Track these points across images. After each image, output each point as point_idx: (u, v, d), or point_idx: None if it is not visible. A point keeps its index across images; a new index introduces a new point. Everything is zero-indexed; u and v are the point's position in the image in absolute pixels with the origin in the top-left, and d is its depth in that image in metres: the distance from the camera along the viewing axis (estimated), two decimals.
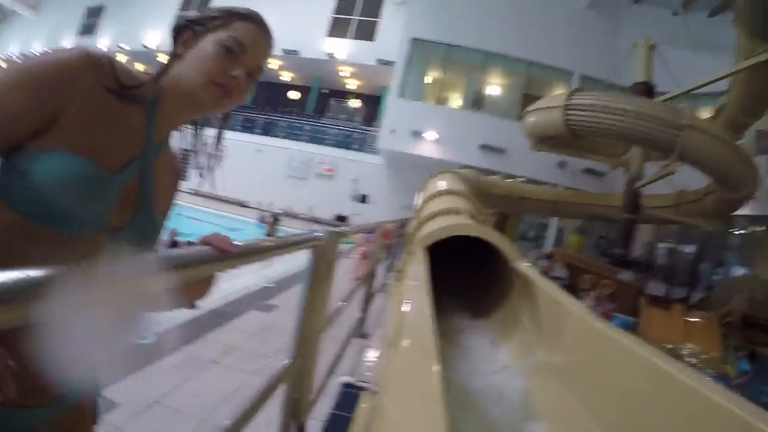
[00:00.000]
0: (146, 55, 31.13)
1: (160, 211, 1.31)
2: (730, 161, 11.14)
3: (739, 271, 18.62)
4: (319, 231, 2.20)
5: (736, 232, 20.81)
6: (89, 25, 35.65)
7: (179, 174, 1.42)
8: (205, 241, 1.20)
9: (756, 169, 11.57)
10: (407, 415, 1.00)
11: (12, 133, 1.00)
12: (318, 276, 2.14)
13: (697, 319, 11.51)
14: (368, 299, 6.06)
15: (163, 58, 1.27)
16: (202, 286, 1.29)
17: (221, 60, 1.22)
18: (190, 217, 17.38)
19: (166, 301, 1.26)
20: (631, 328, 10.73)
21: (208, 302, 6.59)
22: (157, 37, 31.98)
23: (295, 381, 2.25)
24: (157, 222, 1.30)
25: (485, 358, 3.51)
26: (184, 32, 1.27)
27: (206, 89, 1.21)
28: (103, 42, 33.44)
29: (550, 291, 3.20)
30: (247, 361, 4.72)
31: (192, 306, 1.29)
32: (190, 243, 1.20)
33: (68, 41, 35.08)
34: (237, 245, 1.23)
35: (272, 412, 2.30)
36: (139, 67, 1.25)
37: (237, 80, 1.23)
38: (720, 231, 19.00)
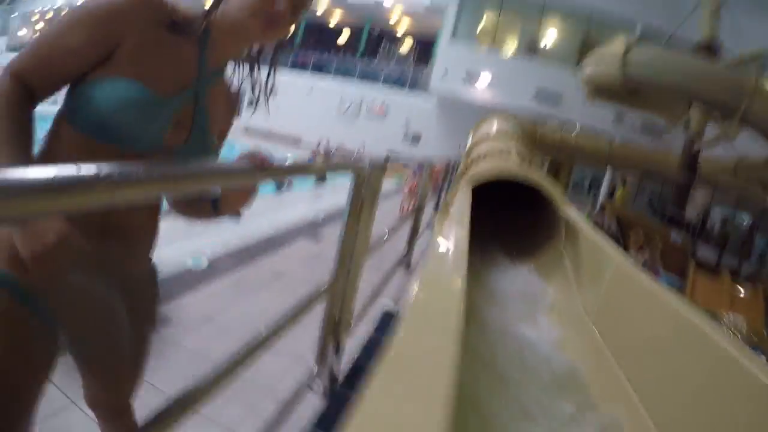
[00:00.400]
0: None
1: (214, 132, 1.42)
2: None
3: None
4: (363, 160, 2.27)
5: None
6: None
7: (235, 103, 1.53)
8: (244, 156, 1.30)
9: None
10: (419, 347, 1.06)
11: (75, 64, 1.14)
12: (358, 202, 2.21)
13: (744, 291, 11.27)
14: (414, 233, 6.13)
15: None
16: (243, 195, 1.42)
17: None
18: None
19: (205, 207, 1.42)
20: (676, 289, 10.54)
21: (260, 229, 6.83)
22: None
23: (336, 300, 2.36)
24: (212, 142, 1.42)
25: (521, 299, 3.55)
26: None
27: (252, 19, 1.27)
28: None
29: (595, 239, 3.19)
30: (295, 286, 4.87)
31: (237, 214, 1.42)
32: None
33: None
34: (273, 160, 1.33)
35: (313, 327, 2.43)
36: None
37: (282, 12, 1.29)
38: None
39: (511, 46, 24.40)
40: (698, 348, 1.50)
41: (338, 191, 8.79)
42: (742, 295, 10.41)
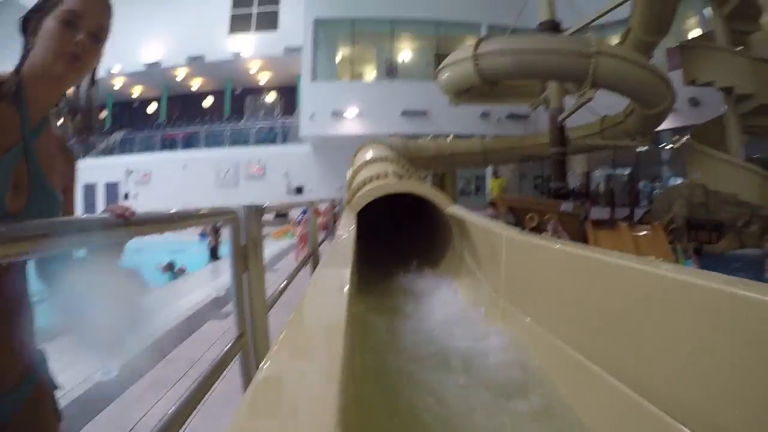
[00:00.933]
0: (149, 75, 30.55)
1: (57, 188, 1.38)
2: (642, 79, 11.63)
3: (675, 182, 19.51)
4: (235, 207, 2.21)
5: (666, 147, 21.88)
6: None
7: (70, 152, 1.51)
8: (105, 210, 1.26)
9: (669, 83, 12.11)
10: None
11: None
12: (239, 251, 2.15)
13: (644, 232, 12.04)
14: None
15: (179, 72, 1.36)
16: None
17: (62, 32, 1.31)
18: (131, 250, 16.95)
19: None
20: None
21: (165, 321, 6.47)
22: (159, 51, 30.66)
23: (247, 355, 2.26)
24: (57, 200, 1.37)
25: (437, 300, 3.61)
26: (29, 23, 1.36)
27: (57, 61, 1.30)
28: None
29: (483, 225, 3.32)
30: None
31: None
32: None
33: None
34: (134, 212, 1.29)
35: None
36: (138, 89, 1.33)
37: (81, 44, 1.32)
38: (649, 148, 19.92)
39: (370, 73, 25.09)
40: (594, 273, 1.72)
41: None
42: (643, 235, 11.05)
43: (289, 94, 30.85)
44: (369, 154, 8.03)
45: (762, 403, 1.06)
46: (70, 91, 1.47)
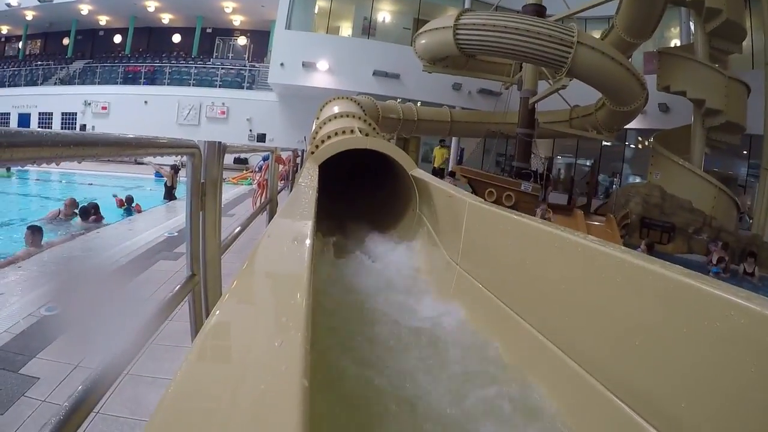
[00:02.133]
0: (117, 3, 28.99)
1: None
2: (619, 76, 11.83)
3: (634, 180, 20.07)
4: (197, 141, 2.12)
5: (630, 146, 22.43)
6: None
7: None
8: None
9: (643, 84, 12.36)
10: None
11: None
12: (198, 187, 2.08)
13: (598, 222, 12.36)
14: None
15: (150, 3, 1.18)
16: None
17: None
18: (84, 183, 16.55)
19: None
20: None
21: (116, 257, 6.33)
22: None
23: (198, 298, 2.22)
24: None
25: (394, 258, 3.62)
26: None
27: None
28: None
29: (446, 190, 3.32)
30: None
31: None
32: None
33: None
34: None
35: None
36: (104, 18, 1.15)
37: None
38: (614, 144, 20.36)
39: (346, 29, 24.65)
40: (557, 249, 1.75)
41: None
42: (597, 224, 11.32)
43: (260, 40, 30.18)
44: (336, 108, 7.91)
45: (704, 380, 1.12)
46: None
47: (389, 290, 2.91)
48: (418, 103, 17.94)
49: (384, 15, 24.25)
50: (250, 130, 25.04)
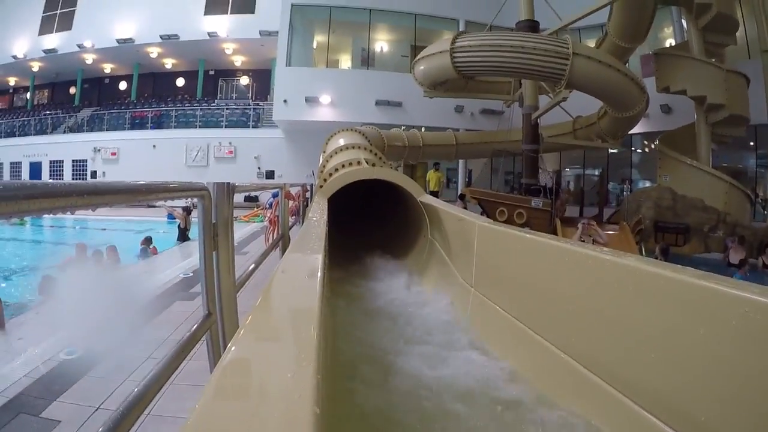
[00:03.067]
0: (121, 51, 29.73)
1: None
2: (617, 83, 11.87)
3: (644, 185, 19.99)
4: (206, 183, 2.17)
5: (637, 151, 22.40)
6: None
7: None
8: None
9: (643, 88, 12.38)
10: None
11: None
12: (209, 228, 2.12)
13: (612, 231, 12.29)
14: None
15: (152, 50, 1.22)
16: None
17: None
18: (98, 229, 16.71)
19: None
20: None
21: (130, 302, 6.37)
22: (132, 27, 29.56)
23: (215, 335, 2.24)
24: None
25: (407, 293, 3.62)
26: None
27: None
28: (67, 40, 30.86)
29: (455, 214, 3.35)
30: None
31: None
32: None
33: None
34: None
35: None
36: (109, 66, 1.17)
37: None
38: (620, 151, 20.33)
39: (346, 62, 24.96)
40: (570, 263, 1.75)
41: None
42: (610, 233, 11.24)
43: (263, 78, 30.55)
44: (341, 141, 8.00)
45: (721, 388, 1.12)
46: None
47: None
48: (422, 129, 18.03)
49: (381, 45, 24.56)
50: (259, 168, 25.26)
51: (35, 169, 28.44)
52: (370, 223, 6.18)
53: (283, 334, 0.94)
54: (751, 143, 18.37)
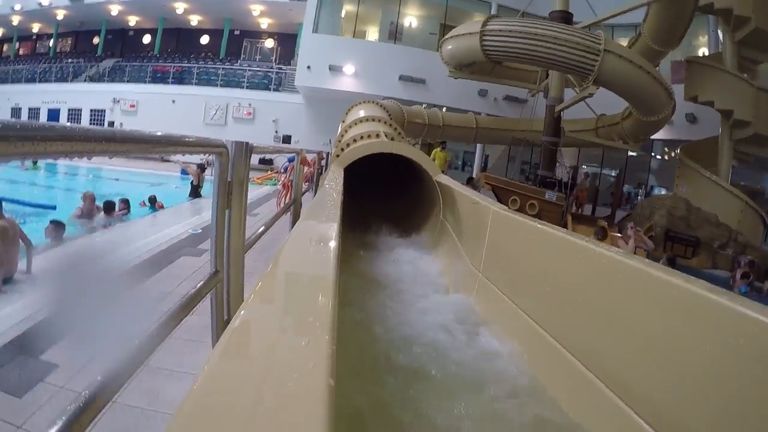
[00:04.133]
0: (147, 4, 29.56)
1: None
2: (645, 85, 11.66)
3: (659, 192, 19.83)
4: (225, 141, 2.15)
5: (657, 156, 22.17)
6: None
7: None
8: None
9: (671, 94, 12.18)
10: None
11: None
12: (225, 186, 2.10)
13: (622, 235, 12.20)
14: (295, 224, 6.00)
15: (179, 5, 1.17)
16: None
17: None
18: (111, 179, 16.79)
19: None
20: None
21: (139, 251, 6.42)
22: None
23: (220, 296, 2.23)
24: None
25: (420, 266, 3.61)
26: None
27: None
28: None
29: (470, 198, 3.31)
30: None
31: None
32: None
33: None
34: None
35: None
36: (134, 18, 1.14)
37: None
38: (639, 154, 20.12)
39: (373, 34, 24.72)
40: (576, 259, 1.75)
41: None
42: (620, 236, 11.15)
43: (287, 42, 30.40)
44: (362, 112, 7.95)
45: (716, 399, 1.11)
46: None
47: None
48: (444, 109, 17.89)
49: (410, 20, 24.26)
50: (276, 132, 25.22)
51: (53, 116, 28.59)
52: (384, 196, 6.15)
53: (296, 301, 0.91)
54: None
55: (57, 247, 7.34)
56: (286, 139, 24.91)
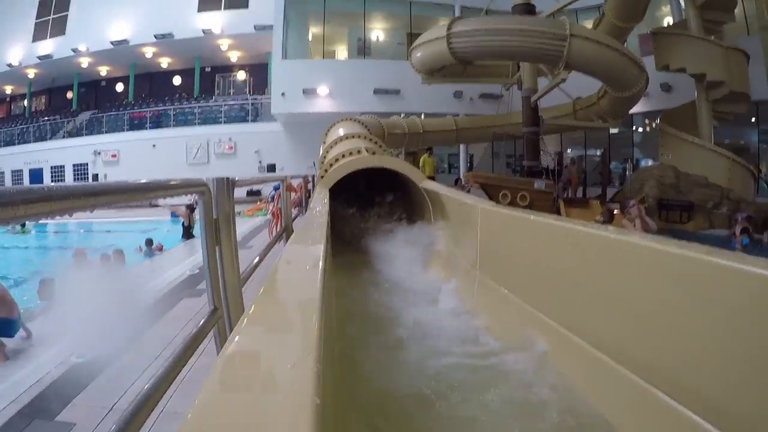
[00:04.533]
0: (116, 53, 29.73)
1: None
2: (615, 62, 11.80)
3: (646, 163, 19.96)
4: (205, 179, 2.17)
5: (638, 130, 22.34)
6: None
7: None
8: None
9: (642, 67, 12.30)
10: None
11: None
12: (211, 223, 2.12)
13: (616, 211, 12.24)
14: None
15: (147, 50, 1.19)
16: None
17: None
18: (102, 231, 16.76)
19: None
20: None
21: (139, 300, 6.40)
22: (126, 28, 29.61)
23: (222, 330, 2.24)
24: None
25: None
26: None
27: None
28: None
29: (457, 198, 3.35)
30: None
31: None
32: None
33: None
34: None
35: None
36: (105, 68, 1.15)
37: None
38: (621, 131, 20.28)
39: (342, 52, 24.89)
40: (566, 240, 1.79)
41: None
42: (615, 213, 11.16)
43: (259, 72, 30.51)
44: (341, 131, 8.00)
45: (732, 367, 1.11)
46: None
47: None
48: (422, 116, 18.00)
49: (377, 33, 24.47)
50: (260, 162, 25.24)
51: (36, 176, 28.50)
52: (373, 210, 6.18)
53: (284, 324, 0.94)
54: (753, 120, 18.38)
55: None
56: (271, 168, 24.93)
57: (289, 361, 0.66)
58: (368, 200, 6.16)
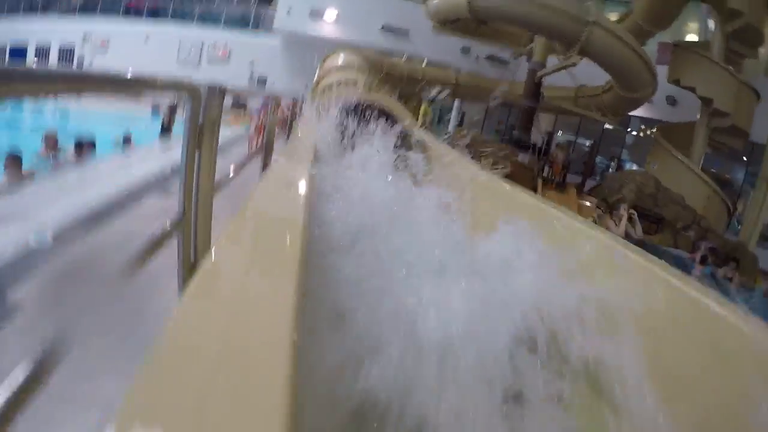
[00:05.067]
0: None
1: None
2: (630, 61, 11.76)
3: (630, 167, 20.12)
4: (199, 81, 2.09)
5: (632, 132, 22.40)
6: None
7: None
8: None
9: (654, 73, 12.30)
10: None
11: None
12: (196, 127, 2.05)
13: (589, 204, 12.34)
14: (265, 169, 5.95)
15: None
16: None
17: None
18: (79, 115, 16.31)
19: None
20: None
21: (105, 192, 6.27)
22: None
23: (187, 240, 2.21)
24: None
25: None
26: None
27: None
28: None
29: (439, 148, 3.32)
30: None
31: None
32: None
33: None
34: None
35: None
36: None
37: None
38: (616, 129, 20.30)
39: None
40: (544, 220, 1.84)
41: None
42: (588, 205, 11.28)
43: None
44: (341, 59, 7.86)
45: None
46: None
47: None
48: (425, 62, 17.69)
49: None
50: (251, 73, 24.58)
51: (19, 53, 27.12)
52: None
53: (264, 246, 0.89)
54: (744, 158, 18.71)
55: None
56: (262, 81, 24.33)
57: (268, 287, 0.63)
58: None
